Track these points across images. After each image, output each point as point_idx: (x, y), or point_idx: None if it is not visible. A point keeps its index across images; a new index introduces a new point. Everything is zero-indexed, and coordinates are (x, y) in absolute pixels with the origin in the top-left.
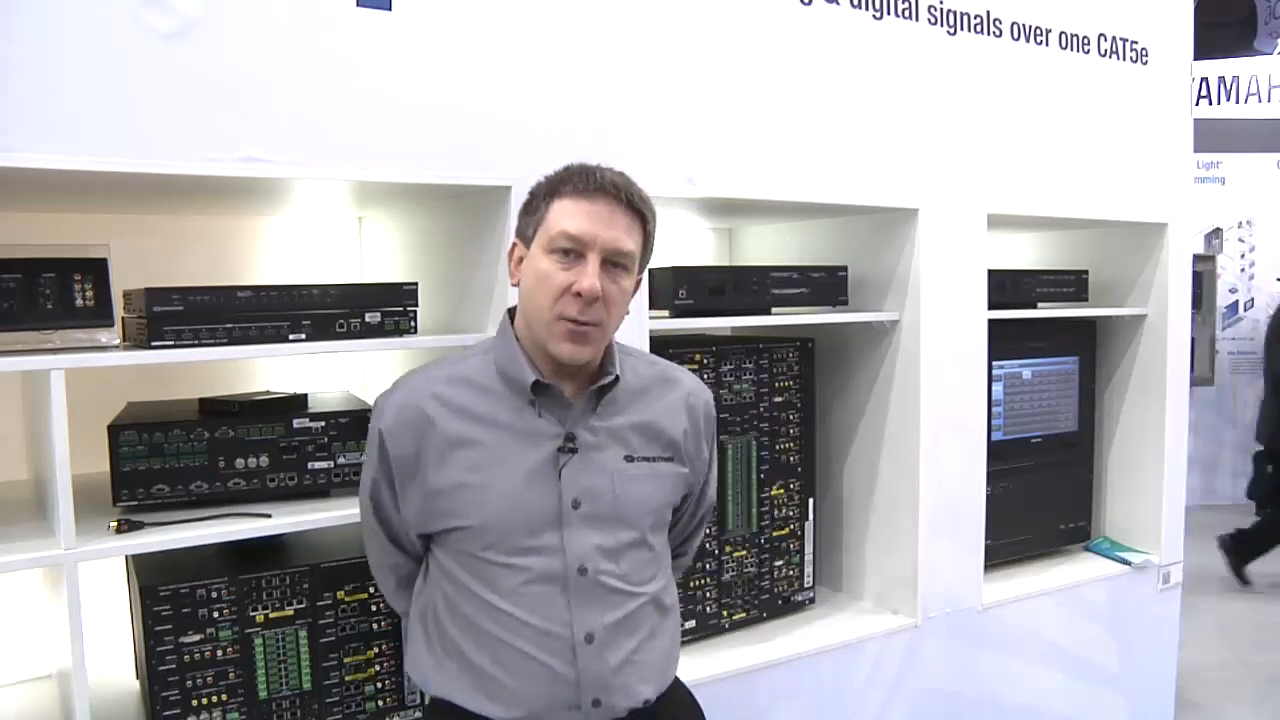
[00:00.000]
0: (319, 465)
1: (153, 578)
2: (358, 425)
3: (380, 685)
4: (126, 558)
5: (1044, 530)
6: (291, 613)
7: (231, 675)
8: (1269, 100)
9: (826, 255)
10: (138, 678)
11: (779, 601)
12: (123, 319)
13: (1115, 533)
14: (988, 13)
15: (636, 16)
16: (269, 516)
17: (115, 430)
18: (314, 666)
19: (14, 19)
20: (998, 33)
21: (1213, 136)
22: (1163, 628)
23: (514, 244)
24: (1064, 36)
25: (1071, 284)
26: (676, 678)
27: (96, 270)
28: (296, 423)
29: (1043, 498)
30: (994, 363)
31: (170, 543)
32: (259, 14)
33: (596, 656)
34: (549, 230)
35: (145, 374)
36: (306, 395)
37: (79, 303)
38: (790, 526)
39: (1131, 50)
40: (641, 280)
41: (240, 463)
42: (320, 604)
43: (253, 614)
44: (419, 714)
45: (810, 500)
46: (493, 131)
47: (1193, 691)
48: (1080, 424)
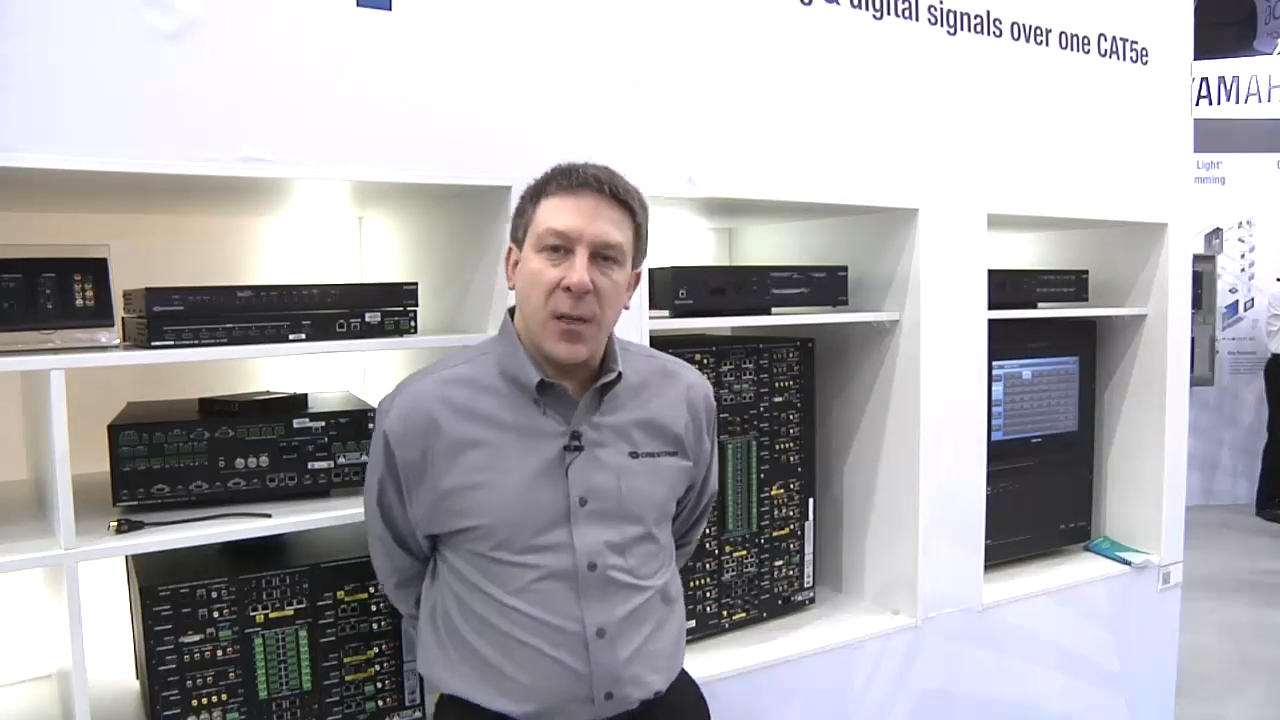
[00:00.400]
0: (319, 465)
1: (153, 578)
2: (358, 425)
3: (380, 685)
4: (126, 558)
5: (1044, 530)
6: (291, 613)
7: (231, 675)
8: (1269, 100)
9: (826, 255)
10: (138, 678)
11: (779, 601)
12: (123, 319)
13: (1115, 533)
14: (988, 13)
15: (636, 17)
16: (269, 516)
17: (115, 430)
18: (314, 666)
19: (14, 18)
20: (998, 33)
21: (1213, 136)
22: (1163, 628)
23: (509, 248)
24: (1064, 36)
25: (1071, 284)
26: (683, 669)
27: (96, 270)
28: (296, 423)
29: (1043, 498)
30: (994, 363)
31: (170, 543)
32: (259, 14)
33: (608, 650)
34: (537, 229)
35: (145, 374)
36: (306, 395)
37: (79, 303)
38: (790, 526)
39: (1131, 50)
40: (641, 276)
41: (240, 463)
42: (320, 604)
43: (253, 614)
44: (419, 714)
45: (810, 500)
46: (492, 131)
47: (1193, 691)
48: (1080, 424)
